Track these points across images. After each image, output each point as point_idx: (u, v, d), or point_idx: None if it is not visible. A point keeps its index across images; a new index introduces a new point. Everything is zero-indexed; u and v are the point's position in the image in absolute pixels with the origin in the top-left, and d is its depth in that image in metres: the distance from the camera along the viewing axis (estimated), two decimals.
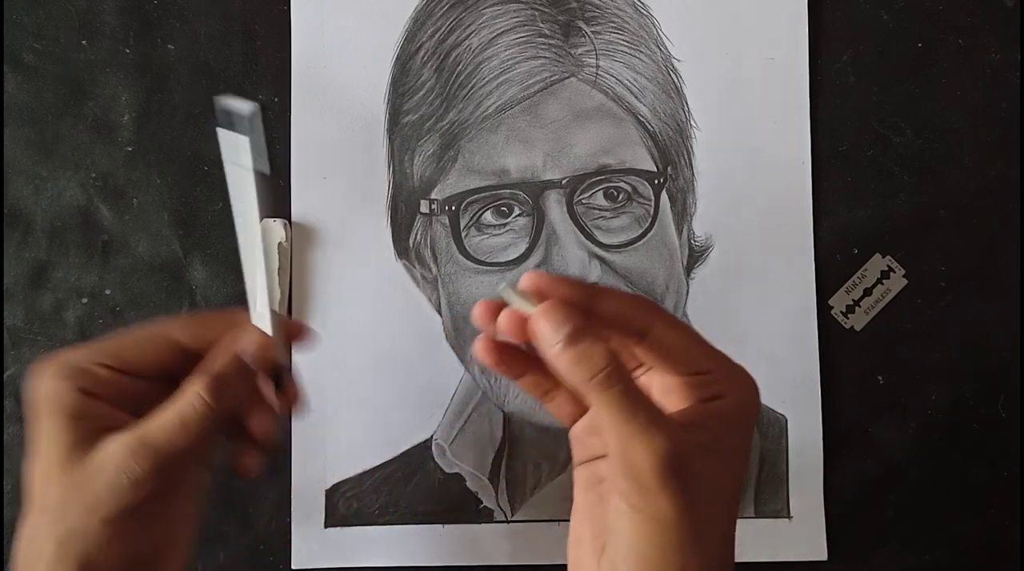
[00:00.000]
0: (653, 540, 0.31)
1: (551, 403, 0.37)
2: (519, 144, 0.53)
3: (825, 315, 0.53)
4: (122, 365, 0.39)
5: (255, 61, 0.54)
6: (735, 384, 0.33)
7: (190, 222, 0.53)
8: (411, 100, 0.53)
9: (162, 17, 0.54)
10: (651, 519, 0.31)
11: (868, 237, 0.54)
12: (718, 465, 0.32)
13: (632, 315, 0.32)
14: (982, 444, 0.53)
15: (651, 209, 0.53)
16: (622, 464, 0.30)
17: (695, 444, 0.31)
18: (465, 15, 0.53)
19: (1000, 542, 0.53)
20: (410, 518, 0.52)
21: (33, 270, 0.53)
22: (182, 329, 0.40)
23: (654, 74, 0.54)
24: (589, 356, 0.30)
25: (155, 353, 0.39)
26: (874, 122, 0.54)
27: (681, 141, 0.54)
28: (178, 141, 0.53)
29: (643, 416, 0.30)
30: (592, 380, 0.30)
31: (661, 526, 0.30)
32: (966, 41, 0.54)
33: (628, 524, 0.31)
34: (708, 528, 0.31)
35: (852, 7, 0.54)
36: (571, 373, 0.30)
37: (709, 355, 0.33)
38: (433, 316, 0.53)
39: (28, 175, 0.53)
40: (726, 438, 0.33)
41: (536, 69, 0.53)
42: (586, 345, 0.30)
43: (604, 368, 0.30)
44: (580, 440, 0.37)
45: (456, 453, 0.53)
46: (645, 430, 0.30)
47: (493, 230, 0.53)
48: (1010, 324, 0.53)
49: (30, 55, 0.53)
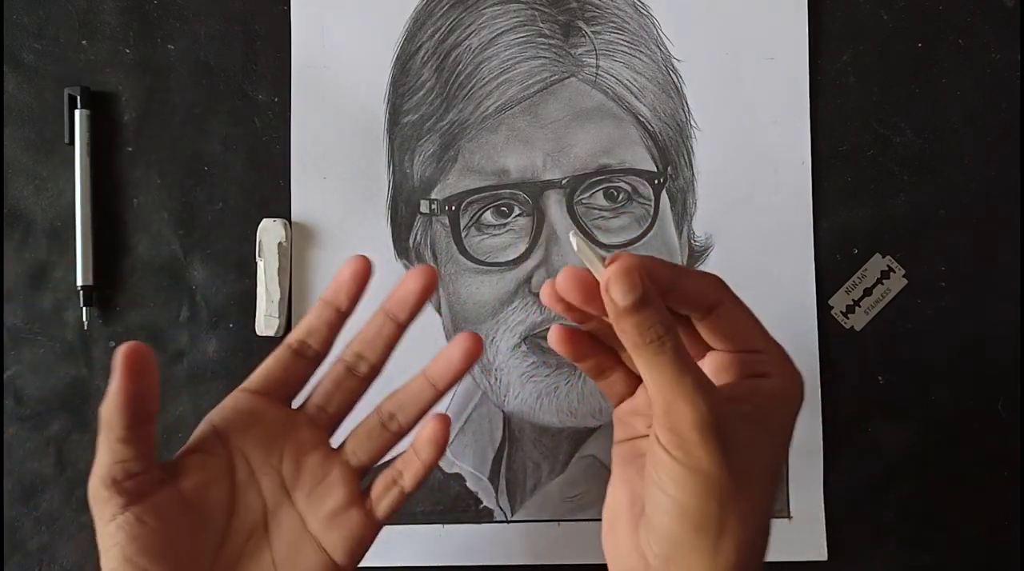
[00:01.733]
0: (693, 490, 0.32)
1: (603, 382, 0.38)
2: (519, 144, 0.53)
3: (825, 315, 0.53)
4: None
5: (255, 61, 0.54)
6: (784, 368, 0.35)
7: (190, 222, 0.53)
8: (411, 100, 0.53)
9: (162, 17, 0.54)
10: (691, 470, 0.31)
11: (868, 237, 0.54)
12: (758, 438, 0.33)
13: (705, 292, 0.34)
14: (982, 444, 0.53)
15: (651, 209, 0.53)
16: (665, 421, 0.31)
17: (738, 414, 0.33)
18: (465, 15, 0.53)
19: (1000, 542, 0.53)
20: (410, 518, 0.52)
21: (33, 270, 0.53)
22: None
23: (654, 74, 0.54)
24: (650, 323, 0.31)
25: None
26: (874, 122, 0.54)
27: (681, 141, 0.54)
28: (178, 141, 0.53)
29: (690, 379, 0.31)
30: (649, 343, 0.31)
31: (701, 477, 0.31)
32: (966, 41, 0.54)
33: (668, 474, 0.32)
34: (747, 491, 0.32)
35: (852, 7, 0.54)
36: (630, 335, 0.31)
37: (764, 337, 0.35)
38: (433, 316, 0.53)
39: (28, 175, 0.53)
40: (768, 415, 0.34)
41: (536, 69, 0.53)
42: (649, 312, 0.31)
43: (660, 334, 0.31)
44: (623, 420, 0.38)
45: (456, 453, 0.53)
46: (691, 392, 0.31)
47: (493, 230, 0.53)
48: (1010, 324, 0.53)
49: (30, 55, 0.53)
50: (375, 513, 0.41)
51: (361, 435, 0.42)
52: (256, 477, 0.40)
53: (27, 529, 0.52)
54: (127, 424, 0.37)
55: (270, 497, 0.40)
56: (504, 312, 0.53)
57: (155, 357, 0.38)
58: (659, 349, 0.31)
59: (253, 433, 0.40)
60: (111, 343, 0.53)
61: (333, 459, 0.41)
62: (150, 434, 0.38)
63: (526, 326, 0.52)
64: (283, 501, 0.40)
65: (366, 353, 0.41)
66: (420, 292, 0.40)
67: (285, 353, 0.41)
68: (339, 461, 0.41)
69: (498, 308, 0.53)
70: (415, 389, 0.41)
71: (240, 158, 0.53)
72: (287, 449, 0.41)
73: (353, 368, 0.42)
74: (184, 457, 0.40)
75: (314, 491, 0.41)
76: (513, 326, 0.52)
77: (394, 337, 0.41)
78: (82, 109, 0.52)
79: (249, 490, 0.40)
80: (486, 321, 0.53)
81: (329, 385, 0.42)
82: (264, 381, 0.41)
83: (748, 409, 0.33)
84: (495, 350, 0.53)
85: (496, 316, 0.53)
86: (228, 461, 0.40)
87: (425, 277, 0.40)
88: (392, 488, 0.41)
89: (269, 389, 0.41)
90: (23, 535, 0.52)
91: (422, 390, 0.41)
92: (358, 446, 0.41)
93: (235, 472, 0.40)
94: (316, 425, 0.41)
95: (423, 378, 0.41)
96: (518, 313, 0.52)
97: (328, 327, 0.41)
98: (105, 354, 0.53)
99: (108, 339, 0.53)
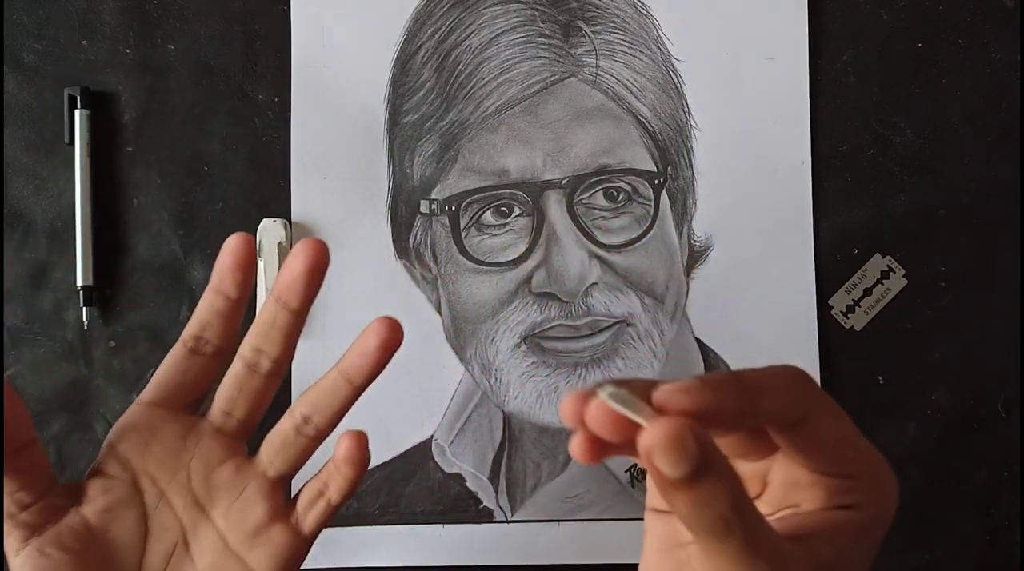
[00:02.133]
0: None
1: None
2: (519, 144, 0.53)
3: (825, 315, 0.53)
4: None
5: (255, 61, 0.54)
6: (877, 492, 0.28)
7: (190, 222, 0.53)
8: (411, 100, 0.53)
9: (162, 17, 0.54)
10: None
11: (868, 237, 0.54)
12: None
13: (789, 407, 0.25)
14: (982, 444, 0.53)
15: (651, 209, 0.53)
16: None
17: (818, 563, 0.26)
18: (465, 15, 0.53)
19: (1000, 542, 0.53)
20: (410, 518, 0.52)
21: (33, 270, 0.53)
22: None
23: (654, 74, 0.54)
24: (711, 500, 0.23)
25: None
26: (874, 122, 0.54)
27: (681, 141, 0.54)
28: (178, 141, 0.53)
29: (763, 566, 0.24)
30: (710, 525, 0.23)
31: None
32: (966, 41, 0.54)
33: None
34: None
35: (852, 7, 0.54)
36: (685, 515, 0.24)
37: (861, 456, 0.27)
38: (433, 316, 0.53)
39: (28, 175, 0.53)
40: (852, 555, 0.28)
41: (536, 69, 0.53)
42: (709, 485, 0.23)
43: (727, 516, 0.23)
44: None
45: (456, 453, 0.53)
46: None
47: (493, 230, 0.53)
48: (1010, 324, 0.53)
49: (30, 55, 0.53)
50: (302, 528, 0.37)
51: (276, 443, 0.37)
52: (167, 497, 0.37)
53: None
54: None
55: (185, 516, 0.37)
56: (504, 312, 0.53)
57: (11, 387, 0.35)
58: (725, 533, 0.23)
59: (153, 451, 0.37)
60: (111, 343, 0.53)
61: (248, 471, 0.37)
62: (34, 460, 0.35)
63: (526, 326, 0.52)
64: (200, 519, 0.37)
65: (264, 347, 0.37)
66: (307, 273, 0.35)
67: (180, 353, 0.37)
68: (255, 473, 0.37)
69: (498, 308, 0.53)
70: (328, 387, 0.37)
71: (240, 158, 0.53)
72: (194, 464, 0.37)
73: (254, 365, 0.37)
74: (88, 481, 0.37)
75: (232, 507, 0.37)
76: (513, 326, 0.52)
77: (291, 326, 0.37)
78: (82, 109, 0.52)
79: (162, 510, 0.37)
80: (486, 321, 0.53)
81: (231, 387, 0.38)
82: (160, 389, 0.38)
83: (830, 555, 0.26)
84: (495, 350, 0.53)
85: (496, 316, 0.53)
86: (133, 483, 0.37)
87: (311, 254, 0.35)
88: (319, 500, 0.37)
89: (167, 398, 0.38)
90: None
91: (336, 388, 0.37)
92: (275, 455, 0.37)
93: (143, 493, 0.37)
94: (224, 434, 0.38)
95: (336, 373, 0.37)
96: (518, 313, 0.52)
97: (222, 318, 0.37)
98: (105, 354, 0.53)
99: (108, 339, 0.53)
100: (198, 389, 0.38)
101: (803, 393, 0.26)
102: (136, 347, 0.53)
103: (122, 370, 0.53)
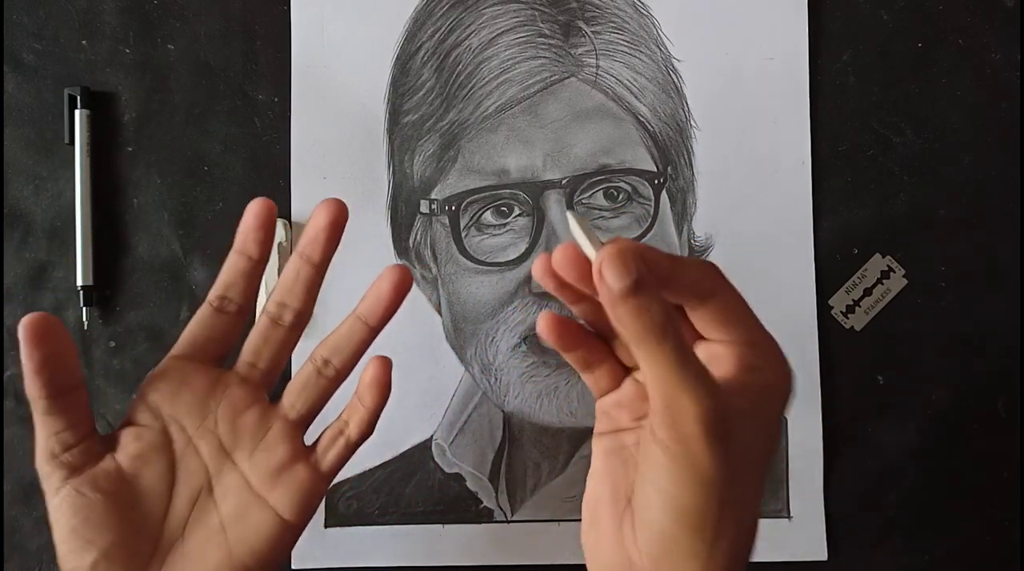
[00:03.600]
0: (692, 488, 0.31)
1: (589, 375, 0.37)
2: (519, 144, 0.53)
3: (825, 315, 0.53)
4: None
5: (255, 61, 0.54)
6: (776, 361, 0.34)
7: (190, 222, 0.53)
8: (411, 100, 0.53)
9: (162, 17, 0.54)
10: (691, 469, 0.31)
11: (868, 237, 0.54)
12: (752, 433, 0.32)
13: (702, 280, 0.32)
14: (982, 444, 0.53)
15: (651, 209, 0.53)
16: (665, 415, 0.30)
17: (735, 409, 0.31)
18: (465, 15, 0.53)
19: (1000, 542, 0.53)
20: (410, 518, 0.53)
21: (33, 270, 0.53)
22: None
23: (654, 74, 0.54)
24: (648, 308, 0.29)
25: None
26: (874, 122, 0.54)
27: (681, 141, 0.54)
28: (178, 141, 0.53)
29: (692, 372, 0.30)
30: (647, 332, 0.29)
31: (701, 477, 0.31)
32: (966, 41, 0.54)
33: (667, 475, 0.31)
34: (741, 489, 0.32)
35: (852, 7, 0.54)
36: (627, 323, 0.30)
37: (758, 328, 0.34)
38: (433, 316, 0.53)
39: (28, 175, 0.53)
40: (761, 409, 0.33)
41: (536, 69, 0.53)
42: (646, 297, 0.29)
43: (660, 322, 0.29)
44: (607, 412, 0.37)
45: (456, 453, 0.53)
46: (694, 385, 0.30)
47: (493, 230, 0.53)
48: (1010, 324, 0.53)
49: (30, 55, 0.53)
50: (320, 466, 0.40)
51: (297, 387, 0.41)
52: (194, 443, 0.40)
53: (27, 529, 0.52)
54: (46, 393, 0.37)
55: (211, 461, 0.40)
56: (504, 312, 0.53)
57: (63, 326, 0.37)
58: (660, 339, 0.29)
59: (183, 399, 0.40)
60: (111, 343, 0.53)
61: (271, 415, 0.41)
62: (79, 403, 0.38)
63: (526, 326, 0.52)
64: (224, 463, 0.40)
65: (287, 300, 0.41)
66: (329, 227, 0.40)
67: (206, 312, 0.41)
68: (278, 416, 0.41)
69: (498, 308, 0.53)
70: (347, 331, 0.41)
71: (240, 158, 0.53)
72: (221, 411, 0.40)
73: (277, 318, 0.41)
74: (120, 430, 0.40)
75: (255, 450, 0.40)
76: (513, 326, 0.52)
77: (312, 279, 0.41)
78: (82, 109, 0.52)
79: (189, 456, 0.40)
80: (486, 321, 0.53)
81: (256, 339, 0.41)
82: (189, 344, 0.41)
83: (742, 404, 0.32)
84: (495, 350, 0.53)
85: (496, 316, 0.53)
86: (163, 430, 0.40)
87: (333, 211, 0.40)
88: (338, 439, 0.41)
89: (196, 352, 0.41)
90: (23, 535, 0.52)
91: (354, 330, 0.41)
92: (295, 398, 0.41)
93: (171, 440, 0.40)
94: (248, 383, 0.41)
95: (354, 317, 0.41)
96: (518, 313, 0.52)
97: (244, 277, 0.41)
98: (105, 354, 0.53)
99: (108, 339, 0.53)
100: (224, 344, 0.41)
101: (712, 274, 0.32)
102: (136, 347, 0.53)
103: (122, 370, 0.53)
